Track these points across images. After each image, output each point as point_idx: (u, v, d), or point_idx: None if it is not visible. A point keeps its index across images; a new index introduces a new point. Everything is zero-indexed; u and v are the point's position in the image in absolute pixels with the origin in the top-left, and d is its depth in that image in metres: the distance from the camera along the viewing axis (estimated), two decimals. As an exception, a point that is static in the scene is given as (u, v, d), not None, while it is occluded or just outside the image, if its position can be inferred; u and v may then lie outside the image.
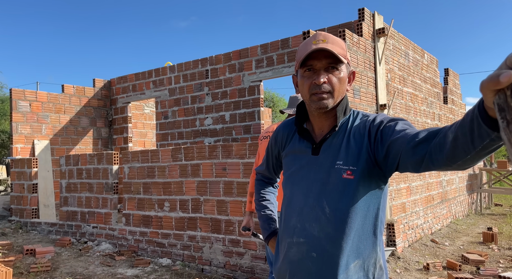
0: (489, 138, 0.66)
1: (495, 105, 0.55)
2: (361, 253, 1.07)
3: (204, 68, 7.20)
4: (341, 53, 1.07)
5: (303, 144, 1.18)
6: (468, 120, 0.69)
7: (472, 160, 0.75)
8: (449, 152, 0.77)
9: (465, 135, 0.71)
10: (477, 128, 0.67)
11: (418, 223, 5.78)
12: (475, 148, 0.70)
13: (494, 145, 0.68)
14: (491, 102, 0.57)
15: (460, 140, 0.73)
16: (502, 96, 0.54)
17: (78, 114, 8.17)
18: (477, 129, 0.67)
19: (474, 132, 0.68)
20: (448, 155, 0.78)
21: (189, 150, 4.63)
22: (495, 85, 0.53)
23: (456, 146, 0.75)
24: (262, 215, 1.41)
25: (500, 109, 0.54)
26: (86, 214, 5.72)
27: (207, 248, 4.42)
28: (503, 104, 0.53)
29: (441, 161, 0.81)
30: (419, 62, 6.60)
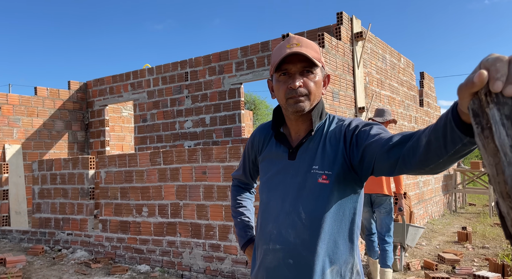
0: (462, 142, 0.66)
1: (469, 110, 0.54)
2: (337, 258, 1.06)
3: (184, 71, 7.12)
4: (315, 56, 1.07)
5: (280, 148, 1.17)
6: (441, 124, 0.69)
7: (444, 164, 0.75)
8: (422, 156, 0.77)
9: (438, 139, 0.71)
10: (450, 133, 0.67)
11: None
12: (448, 152, 0.70)
13: (466, 149, 0.68)
14: (466, 107, 0.56)
15: (433, 144, 0.73)
16: (476, 102, 0.53)
17: (52, 117, 7.90)
18: (450, 134, 0.67)
19: (447, 137, 0.68)
20: (421, 159, 0.78)
21: (168, 153, 4.55)
22: (470, 87, 0.52)
23: (429, 150, 0.75)
24: (238, 222, 1.38)
25: (475, 115, 0.53)
26: (61, 221, 5.51)
27: (187, 253, 4.34)
28: (477, 110, 0.53)
29: (414, 164, 0.81)
30: (396, 65, 6.74)
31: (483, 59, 0.53)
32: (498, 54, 0.52)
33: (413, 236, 4.36)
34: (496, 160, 0.49)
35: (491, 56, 0.52)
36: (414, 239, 4.40)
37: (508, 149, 0.48)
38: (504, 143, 0.48)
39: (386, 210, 3.71)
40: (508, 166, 0.48)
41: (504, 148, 0.48)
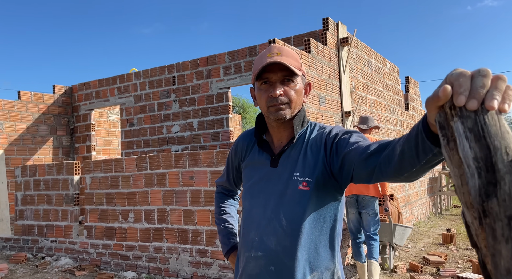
0: (432, 153, 0.68)
1: (436, 122, 0.56)
2: (318, 265, 1.07)
3: (171, 75, 7.08)
4: (295, 65, 1.08)
5: (262, 155, 1.18)
6: (413, 134, 0.71)
7: (417, 173, 0.77)
8: (397, 165, 0.79)
9: (410, 149, 0.72)
10: (421, 143, 0.69)
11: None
12: (420, 162, 0.72)
13: (437, 159, 0.70)
14: (433, 119, 0.57)
15: (406, 153, 0.74)
16: (442, 114, 0.54)
17: (36, 122, 7.75)
18: (421, 144, 0.69)
19: (419, 147, 0.70)
20: (395, 168, 0.80)
21: (154, 158, 4.51)
22: (436, 101, 0.54)
23: (402, 159, 0.76)
24: (221, 229, 1.38)
25: (441, 127, 0.55)
26: (44, 228, 5.40)
27: (174, 259, 4.30)
28: (443, 122, 0.54)
29: (390, 173, 0.82)
30: (382, 70, 6.85)
31: (448, 74, 0.55)
32: (462, 69, 0.54)
33: (401, 236, 4.47)
34: (461, 171, 0.51)
35: (456, 71, 0.54)
36: (403, 238, 4.52)
37: (471, 161, 0.49)
38: (467, 155, 0.50)
39: (373, 211, 3.85)
40: (471, 178, 0.49)
41: (467, 160, 0.50)
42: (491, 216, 0.47)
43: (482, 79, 0.51)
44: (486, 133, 0.49)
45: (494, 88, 0.50)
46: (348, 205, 4.02)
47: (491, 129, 0.49)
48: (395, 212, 5.09)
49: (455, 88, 0.52)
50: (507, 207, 0.46)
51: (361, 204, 3.90)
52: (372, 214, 3.84)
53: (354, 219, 3.97)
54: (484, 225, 0.47)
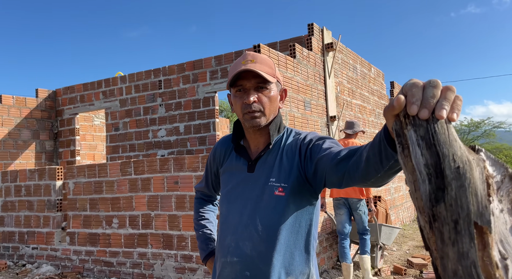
0: (394, 159, 0.70)
1: (393, 130, 0.57)
2: (293, 269, 1.08)
3: (157, 79, 7.05)
4: (269, 72, 1.10)
5: (240, 161, 1.19)
6: (377, 141, 0.73)
7: (383, 178, 0.79)
8: (363, 171, 0.81)
9: (375, 155, 0.74)
10: (384, 150, 0.71)
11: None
12: (384, 167, 0.74)
13: (399, 165, 0.72)
14: (391, 127, 0.59)
15: (371, 160, 0.76)
16: (398, 123, 0.56)
17: (18, 126, 7.60)
18: (383, 151, 0.71)
19: (382, 153, 0.72)
20: (362, 173, 0.82)
21: (139, 163, 4.47)
22: (391, 110, 0.56)
23: (368, 165, 0.78)
24: (200, 235, 1.38)
25: (397, 135, 0.56)
26: (25, 235, 5.28)
27: (159, 265, 4.25)
28: (399, 130, 0.56)
29: (358, 178, 0.84)
30: (367, 75, 6.95)
31: (404, 84, 0.57)
32: (415, 79, 0.56)
33: (388, 236, 4.60)
34: (414, 178, 0.53)
35: (409, 81, 0.56)
36: (390, 238, 4.66)
37: (423, 167, 0.51)
38: (419, 162, 0.51)
39: (362, 211, 4.12)
40: (422, 183, 0.51)
41: (419, 166, 0.51)
42: (440, 220, 0.48)
43: (433, 90, 0.53)
44: (436, 141, 0.51)
45: (444, 98, 0.52)
46: (337, 207, 4.20)
47: (440, 137, 0.51)
48: (383, 213, 5.19)
49: (408, 98, 0.54)
50: (453, 211, 0.47)
51: (351, 206, 4.15)
52: (362, 214, 4.11)
53: (343, 220, 4.16)
54: (434, 228, 0.49)
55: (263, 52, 3.99)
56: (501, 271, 0.45)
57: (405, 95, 0.55)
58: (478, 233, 0.46)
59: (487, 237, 0.46)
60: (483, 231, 0.46)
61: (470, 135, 25.02)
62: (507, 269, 0.45)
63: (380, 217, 5.02)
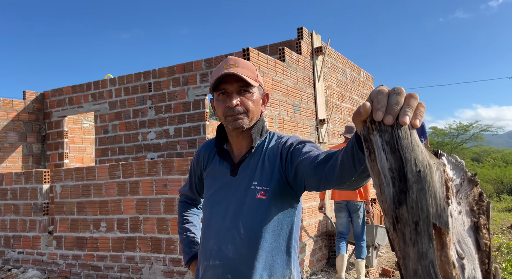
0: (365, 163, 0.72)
1: (361, 135, 0.60)
2: (274, 271, 1.09)
3: (147, 81, 7.02)
4: (251, 76, 1.12)
5: (223, 165, 1.20)
6: (350, 146, 0.75)
7: (357, 182, 0.81)
8: (338, 174, 0.83)
9: (348, 159, 0.77)
10: (356, 154, 0.73)
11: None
12: (357, 171, 0.76)
13: None
14: (360, 132, 0.62)
15: (345, 163, 0.79)
16: (365, 128, 0.58)
17: (5, 129, 7.48)
18: (356, 155, 0.73)
19: (355, 157, 0.74)
20: (337, 176, 0.84)
21: (127, 166, 4.44)
22: (359, 116, 0.58)
23: (343, 169, 0.80)
24: (183, 238, 1.39)
25: (365, 140, 0.58)
26: (11, 239, 5.19)
27: (147, 269, 4.22)
28: (366, 135, 0.58)
29: (334, 181, 0.86)
30: (356, 79, 7.03)
31: (372, 91, 0.59)
32: (382, 87, 0.59)
33: (383, 236, 4.78)
34: (380, 181, 0.55)
35: (376, 88, 0.58)
36: (384, 239, 4.82)
37: (387, 171, 0.53)
38: (384, 166, 0.54)
39: (362, 214, 4.27)
40: (386, 187, 0.53)
41: (384, 170, 0.53)
42: (402, 222, 0.50)
43: (396, 97, 0.55)
44: (399, 146, 0.53)
45: (407, 105, 0.54)
46: (338, 210, 4.34)
47: (403, 142, 0.53)
48: (378, 215, 5.29)
49: (374, 104, 0.56)
50: (414, 213, 0.49)
51: (351, 209, 4.26)
52: (361, 216, 4.25)
53: (343, 222, 4.30)
54: (397, 230, 0.51)
55: (252, 55, 4.01)
56: (457, 270, 0.47)
57: (372, 101, 0.57)
58: (436, 234, 0.49)
59: (445, 237, 0.48)
60: (442, 232, 0.48)
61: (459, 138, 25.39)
62: (464, 268, 0.48)
63: (376, 219, 5.13)
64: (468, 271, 0.48)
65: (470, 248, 0.49)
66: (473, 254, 0.49)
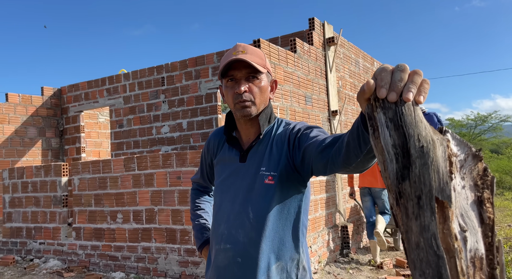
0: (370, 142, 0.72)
1: (365, 114, 0.60)
2: (283, 255, 1.11)
3: (160, 76, 7.09)
4: (259, 63, 1.12)
5: (232, 152, 1.22)
6: (355, 127, 0.75)
7: (363, 163, 0.81)
8: (344, 156, 0.83)
9: (354, 140, 0.77)
10: (361, 134, 0.73)
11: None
12: (362, 152, 0.76)
13: None
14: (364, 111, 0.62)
15: (351, 145, 0.79)
16: (369, 106, 0.59)
17: (25, 124, 7.70)
18: (361, 135, 0.73)
19: (360, 138, 0.74)
20: (343, 159, 0.84)
21: (142, 159, 4.52)
22: (362, 94, 0.58)
23: (348, 150, 0.81)
24: (195, 225, 1.42)
25: (369, 118, 0.59)
26: (33, 230, 5.38)
27: (162, 259, 4.32)
28: (370, 113, 0.59)
29: (340, 164, 0.87)
30: (369, 69, 6.93)
31: (376, 69, 0.60)
32: (386, 65, 0.59)
33: None
34: (383, 158, 0.55)
35: (380, 66, 0.58)
36: None
37: (391, 147, 0.54)
38: (387, 142, 0.54)
39: (383, 200, 4.64)
40: (390, 163, 0.53)
41: (388, 147, 0.54)
42: (405, 197, 0.51)
43: (400, 74, 0.55)
44: (403, 122, 0.53)
45: (411, 82, 0.54)
46: (362, 195, 4.83)
47: (407, 118, 0.53)
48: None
49: (378, 81, 0.56)
50: (417, 188, 0.50)
51: (373, 195, 4.67)
52: (383, 201, 4.62)
53: (369, 206, 4.73)
54: (400, 205, 0.52)
55: (263, 47, 4.00)
56: (459, 242, 0.48)
57: (375, 79, 0.57)
58: (439, 207, 0.49)
59: (448, 211, 0.49)
60: (444, 205, 0.49)
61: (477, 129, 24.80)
62: (466, 240, 0.48)
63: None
64: (471, 244, 0.48)
65: (473, 222, 0.49)
66: (476, 227, 0.49)
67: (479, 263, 0.48)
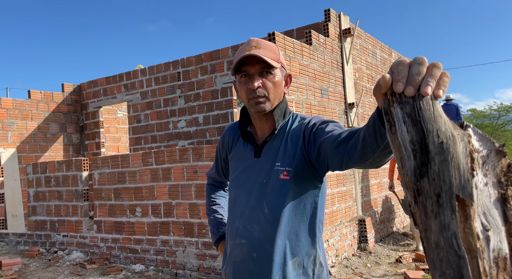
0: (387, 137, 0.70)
1: (382, 109, 0.58)
2: (299, 250, 1.10)
3: (176, 71, 7.14)
4: (273, 57, 1.11)
5: (247, 147, 1.21)
6: (371, 122, 0.74)
7: (379, 159, 0.79)
8: (360, 151, 0.82)
9: (370, 135, 0.75)
10: (378, 129, 0.71)
11: (390, 218, 5.94)
12: (379, 147, 0.74)
13: None
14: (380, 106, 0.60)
15: (367, 140, 0.77)
16: (386, 101, 0.57)
17: (47, 120, 7.93)
18: (378, 130, 0.72)
19: (376, 133, 0.72)
20: (360, 154, 0.82)
21: (159, 154, 4.59)
22: (379, 89, 0.56)
23: (365, 146, 0.79)
24: (211, 220, 1.43)
25: (385, 113, 0.57)
26: (56, 223, 5.56)
27: (181, 252, 4.39)
28: (387, 108, 0.57)
29: (356, 159, 0.85)
30: (387, 60, 6.78)
31: (393, 63, 0.58)
32: (403, 58, 0.57)
33: None
34: (401, 155, 0.54)
35: (397, 60, 0.56)
36: None
37: (408, 144, 0.52)
38: (405, 138, 0.52)
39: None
40: (408, 160, 0.52)
41: (405, 143, 0.52)
42: (423, 194, 0.49)
43: (418, 67, 0.53)
44: (421, 118, 0.51)
45: (429, 75, 0.52)
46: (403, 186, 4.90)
47: (425, 113, 0.51)
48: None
49: (394, 75, 0.54)
50: (436, 185, 0.48)
51: None
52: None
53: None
54: (418, 203, 0.50)
55: (278, 40, 3.96)
56: (482, 242, 0.46)
57: (392, 73, 0.55)
58: (460, 205, 0.47)
59: (469, 209, 0.47)
60: (465, 203, 0.47)
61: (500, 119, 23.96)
62: (489, 239, 0.46)
63: None
64: (494, 243, 0.46)
65: (496, 220, 0.47)
66: (500, 226, 0.47)
67: (503, 264, 0.46)
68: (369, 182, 5.48)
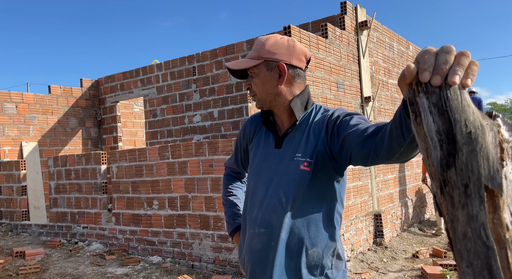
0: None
1: (407, 99, 0.58)
2: (318, 242, 1.11)
3: (191, 65, 7.19)
4: (253, 56, 1.15)
5: (268, 137, 1.23)
6: (397, 114, 0.73)
7: (406, 153, 0.78)
8: (387, 146, 0.81)
9: (396, 128, 0.74)
10: (404, 121, 0.70)
11: (406, 213, 5.87)
12: (405, 140, 0.74)
13: None
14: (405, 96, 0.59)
15: (394, 133, 0.76)
16: (411, 91, 0.56)
17: (66, 114, 8.12)
18: (404, 122, 0.71)
19: (403, 125, 0.72)
20: (386, 148, 0.82)
21: (175, 148, 4.64)
22: (404, 79, 0.56)
23: (391, 140, 0.78)
24: (227, 211, 1.44)
25: (410, 103, 0.56)
26: (76, 215, 5.71)
27: (197, 244, 4.45)
28: (412, 99, 0.56)
29: (383, 154, 0.84)
30: (404, 53, 6.64)
31: (418, 53, 0.57)
32: (429, 47, 0.56)
33: None
34: (426, 145, 0.53)
35: (423, 49, 0.56)
36: None
37: (434, 134, 0.51)
38: (431, 128, 0.52)
39: None
40: (433, 150, 0.51)
41: (431, 133, 0.52)
42: (450, 185, 0.49)
43: (445, 56, 0.52)
44: (448, 107, 0.51)
45: (457, 64, 0.51)
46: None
47: (452, 103, 0.51)
48: None
49: (420, 65, 0.54)
50: (463, 175, 0.48)
51: None
52: None
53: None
54: (444, 193, 0.50)
55: (293, 33, 3.93)
56: (511, 233, 0.45)
57: (418, 62, 0.54)
58: (489, 196, 0.47)
59: (498, 200, 0.46)
60: (494, 194, 0.46)
61: (522, 114, 23.20)
62: None
63: None
64: None
65: None
66: None
67: None
68: (386, 177, 5.42)
